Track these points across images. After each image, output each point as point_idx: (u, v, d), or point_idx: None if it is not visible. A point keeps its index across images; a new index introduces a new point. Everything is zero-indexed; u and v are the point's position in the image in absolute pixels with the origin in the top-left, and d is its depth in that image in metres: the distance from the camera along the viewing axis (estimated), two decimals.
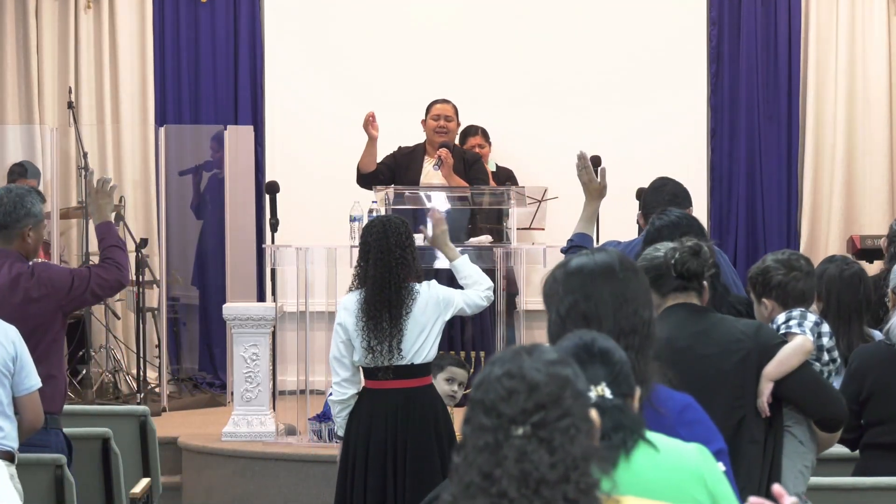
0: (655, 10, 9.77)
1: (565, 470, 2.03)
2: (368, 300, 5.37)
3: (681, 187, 5.55)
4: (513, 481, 2.02)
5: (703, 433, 2.93)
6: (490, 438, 2.05)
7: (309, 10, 9.87)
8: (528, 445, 2.04)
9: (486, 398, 2.08)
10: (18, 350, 4.66)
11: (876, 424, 4.70)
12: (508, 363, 2.11)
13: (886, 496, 4.27)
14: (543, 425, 2.05)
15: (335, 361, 5.47)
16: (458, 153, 8.15)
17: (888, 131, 9.71)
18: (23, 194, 5.19)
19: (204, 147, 9.75)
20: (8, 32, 9.64)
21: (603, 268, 2.93)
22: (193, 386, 9.44)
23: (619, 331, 2.86)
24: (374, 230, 5.46)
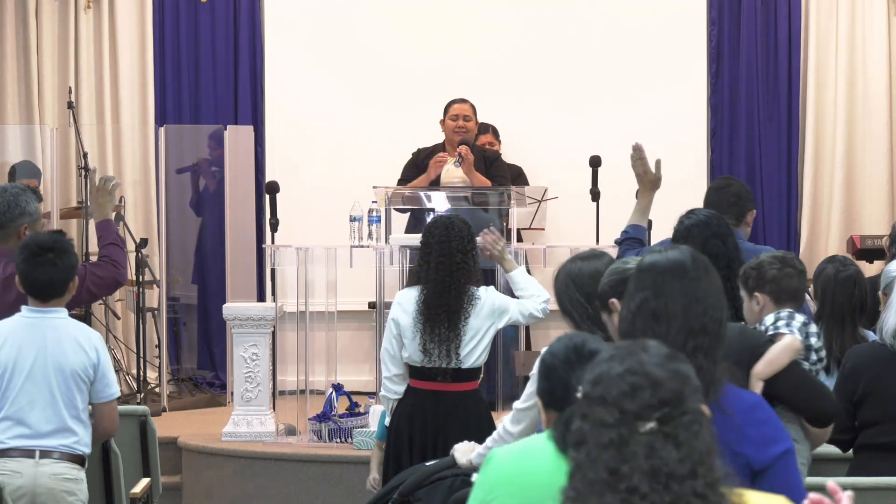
0: (655, 11, 9.77)
1: (692, 465, 2.04)
2: (428, 302, 5.35)
3: (745, 188, 5.54)
4: (644, 477, 2.02)
5: (770, 432, 2.94)
6: (614, 434, 2.05)
7: (309, 11, 9.87)
8: (655, 441, 2.04)
9: (607, 394, 2.08)
10: (101, 357, 4.70)
11: (870, 425, 4.69)
12: (627, 360, 2.12)
13: (882, 496, 4.26)
14: (668, 421, 2.06)
15: (387, 356, 5.46)
16: (478, 151, 8.16)
17: (888, 131, 9.70)
18: (17, 193, 5.20)
19: (204, 147, 9.75)
20: (8, 32, 9.64)
21: (674, 265, 2.93)
22: (193, 386, 9.44)
23: (688, 330, 2.86)
24: (436, 231, 5.42)
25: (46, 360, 4.64)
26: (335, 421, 7.22)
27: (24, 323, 4.70)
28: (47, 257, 4.67)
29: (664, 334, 2.86)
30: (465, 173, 7.91)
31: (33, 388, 4.63)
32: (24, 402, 4.62)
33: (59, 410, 4.62)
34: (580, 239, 8.27)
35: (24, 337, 4.67)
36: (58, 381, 4.63)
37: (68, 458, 4.63)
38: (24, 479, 4.56)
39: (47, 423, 4.62)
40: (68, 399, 4.64)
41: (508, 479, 2.75)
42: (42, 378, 4.63)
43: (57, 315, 4.70)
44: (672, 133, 9.69)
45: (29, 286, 4.70)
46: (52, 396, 4.63)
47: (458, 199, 7.56)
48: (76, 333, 4.70)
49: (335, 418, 7.23)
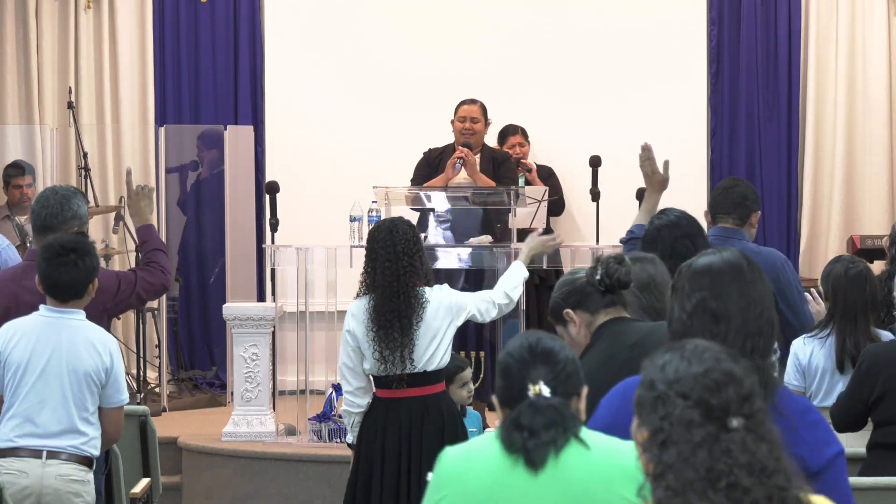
0: (655, 11, 9.77)
1: (777, 458, 2.08)
2: (378, 309, 5.26)
3: (751, 189, 5.54)
4: (743, 471, 2.04)
5: (823, 435, 2.96)
6: (705, 432, 2.07)
7: (309, 10, 9.86)
8: (747, 436, 2.07)
9: (690, 392, 2.10)
10: (115, 362, 4.68)
11: (886, 424, 4.68)
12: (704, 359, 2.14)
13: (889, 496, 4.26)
14: (751, 416, 2.09)
15: (346, 370, 5.35)
16: (487, 152, 8.15)
17: (888, 131, 9.70)
18: (69, 195, 5.13)
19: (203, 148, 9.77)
20: (8, 32, 9.64)
21: (733, 267, 2.95)
22: (193, 386, 9.44)
23: (745, 331, 2.89)
24: (380, 236, 5.34)
25: (60, 360, 4.62)
26: (335, 421, 7.22)
27: (41, 322, 4.68)
28: (70, 258, 4.64)
29: (723, 335, 2.87)
30: (469, 175, 7.91)
31: (44, 388, 4.61)
32: (35, 401, 4.61)
33: (69, 411, 4.61)
34: (580, 239, 8.29)
35: (40, 336, 4.65)
36: (70, 382, 4.62)
37: (76, 460, 4.61)
38: (30, 479, 4.55)
39: (57, 424, 4.60)
40: (79, 400, 4.62)
41: (454, 478, 2.76)
42: (55, 378, 4.62)
43: (74, 316, 4.68)
44: (672, 133, 9.68)
45: (50, 286, 4.68)
46: (64, 397, 4.61)
47: (459, 199, 7.56)
48: (92, 336, 4.68)
49: (335, 418, 7.23)
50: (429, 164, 8.09)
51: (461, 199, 7.57)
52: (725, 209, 5.43)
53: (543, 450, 2.66)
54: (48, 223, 5.05)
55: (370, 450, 5.30)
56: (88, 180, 8.78)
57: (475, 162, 7.92)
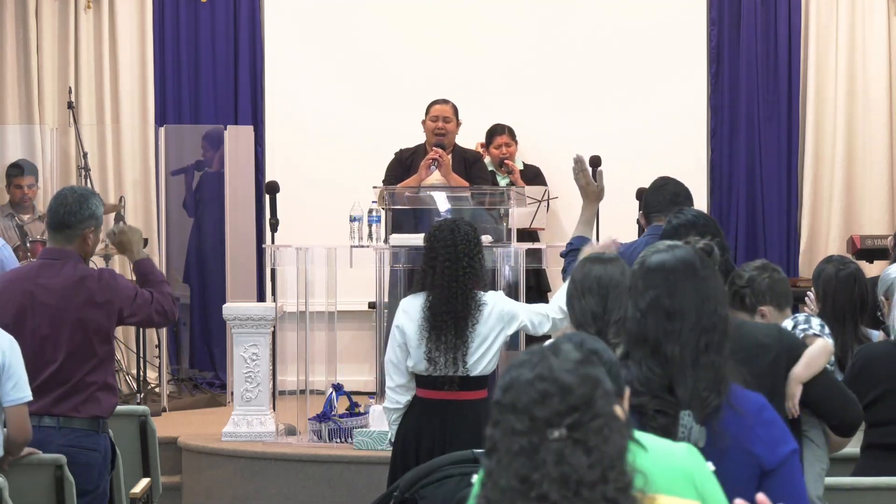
0: (655, 10, 9.77)
1: (603, 470, 2.03)
2: (434, 308, 5.17)
3: (682, 186, 5.54)
4: (554, 484, 2.01)
5: (778, 433, 2.96)
6: (525, 442, 2.04)
7: (309, 11, 9.87)
8: (565, 448, 2.03)
9: (517, 402, 2.07)
10: (8, 359, 4.57)
11: (879, 425, 4.68)
12: (538, 366, 2.09)
13: (888, 496, 4.26)
14: (578, 427, 2.05)
15: (391, 366, 5.26)
16: (459, 153, 8.13)
17: (888, 131, 9.70)
18: (87, 195, 5.11)
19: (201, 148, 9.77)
20: (8, 32, 9.64)
21: (685, 264, 2.96)
22: (193, 386, 9.45)
23: (700, 328, 2.90)
24: (441, 235, 5.24)
25: None
26: (335, 421, 7.22)
27: None
28: None
29: (678, 332, 2.88)
30: (443, 176, 7.90)
31: None
32: None
33: None
34: None
35: None
36: None
37: None
38: None
39: None
40: None
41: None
42: None
43: None
44: (672, 133, 9.69)
45: None
46: None
47: (460, 199, 7.55)
48: None
49: (335, 418, 7.23)
50: (401, 164, 8.07)
51: (461, 199, 7.57)
52: (658, 208, 5.43)
53: None
54: (65, 220, 5.04)
55: (405, 450, 5.21)
56: (88, 180, 8.78)
57: (449, 162, 7.90)
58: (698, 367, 2.90)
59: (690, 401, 2.88)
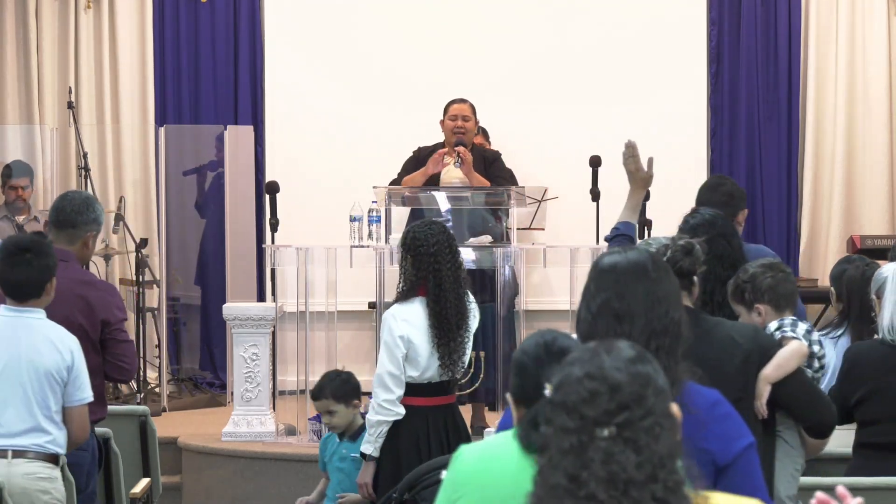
0: (655, 11, 9.77)
1: (652, 469, 2.01)
2: (443, 314, 5.12)
3: (737, 187, 5.54)
4: (601, 483, 2.00)
5: (733, 428, 2.96)
6: (574, 440, 2.03)
7: (309, 10, 9.87)
8: (614, 447, 2.02)
9: (567, 400, 2.06)
10: (76, 359, 4.65)
11: (869, 424, 4.68)
12: (588, 364, 2.09)
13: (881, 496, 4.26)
14: (628, 425, 2.03)
15: (391, 379, 5.15)
16: (478, 152, 8.14)
17: (888, 131, 9.70)
18: (92, 200, 5.21)
19: (204, 147, 9.76)
20: (8, 32, 9.64)
21: (636, 266, 2.92)
22: (193, 386, 9.45)
23: (650, 331, 2.87)
24: (433, 238, 5.17)
25: (20, 358, 4.61)
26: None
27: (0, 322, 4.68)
28: (25, 258, 4.66)
29: (627, 335, 2.86)
30: (465, 174, 7.90)
31: (6, 388, 4.60)
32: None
33: (32, 410, 4.59)
34: (580, 239, 8.28)
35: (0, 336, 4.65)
36: (31, 381, 4.60)
37: (42, 458, 4.60)
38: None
39: (20, 423, 4.59)
40: (41, 399, 4.61)
41: (473, 478, 2.75)
42: (15, 377, 4.60)
43: (33, 315, 4.67)
44: (672, 133, 9.69)
45: (6, 286, 4.69)
46: (26, 396, 4.60)
47: (459, 199, 7.56)
48: (52, 334, 4.66)
49: None
50: (418, 162, 8.07)
51: (461, 199, 7.57)
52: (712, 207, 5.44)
53: None
54: (71, 219, 5.10)
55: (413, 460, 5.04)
56: (88, 180, 8.78)
57: (471, 161, 7.91)
58: None
59: None
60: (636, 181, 5.28)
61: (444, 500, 2.78)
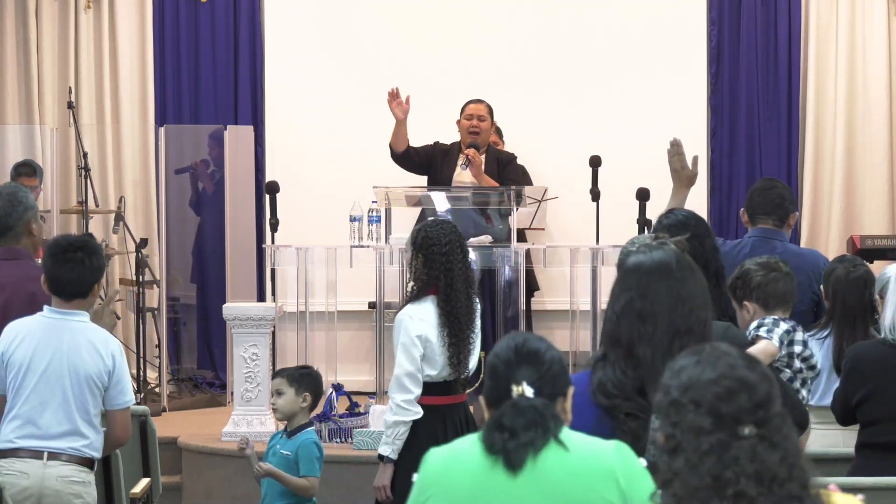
0: (656, 11, 9.77)
1: (789, 467, 2.05)
2: (455, 313, 5.13)
3: (788, 191, 5.56)
4: (750, 480, 2.02)
5: None
6: (714, 440, 2.05)
7: (309, 11, 9.87)
8: (757, 445, 2.04)
9: (701, 399, 2.08)
10: (117, 364, 4.66)
11: (872, 424, 4.69)
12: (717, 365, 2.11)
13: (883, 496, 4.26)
14: (764, 423, 2.07)
15: (410, 379, 5.12)
16: (493, 153, 8.15)
17: (888, 131, 9.70)
18: (13, 190, 5.15)
19: (204, 147, 9.76)
20: (8, 32, 9.64)
21: (660, 266, 2.93)
22: (193, 386, 9.44)
23: (674, 330, 2.87)
24: (447, 236, 5.17)
25: (62, 361, 4.61)
26: (335, 421, 7.22)
27: (43, 323, 4.66)
28: (76, 255, 4.63)
29: (650, 335, 2.86)
30: (474, 176, 7.91)
31: (46, 389, 4.60)
32: (37, 402, 4.60)
33: (70, 413, 4.60)
34: (580, 239, 8.28)
35: (42, 337, 4.63)
36: (71, 384, 4.60)
37: (77, 461, 4.60)
38: (30, 480, 4.54)
39: (58, 425, 4.59)
40: (81, 402, 4.61)
41: (439, 479, 2.77)
42: (56, 379, 4.60)
43: (77, 318, 4.66)
44: (672, 133, 9.63)
45: (55, 284, 4.66)
46: (65, 398, 4.60)
47: (459, 199, 7.56)
48: (94, 338, 4.66)
49: (335, 418, 7.23)
50: (434, 151, 8.07)
51: (461, 199, 7.57)
52: (765, 210, 5.45)
53: (522, 451, 2.66)
54: (5, 224, 5.08)
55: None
56: (88, 180, 8.78)
57: (481, 163, 7.91)
58: None
59: None
60: (680, 179, 5.23)
61: (413, 503, 2.80)
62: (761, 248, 5.48)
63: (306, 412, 5.57)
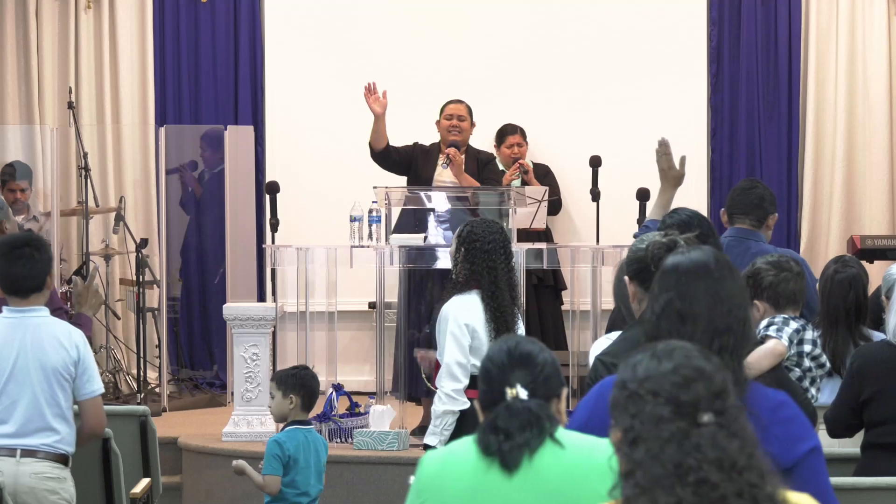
0: (655, 11, 9.77)
1: (749, 455, 2.07)
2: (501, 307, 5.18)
3: (769, 192, 5.55)
4: (712, 467, 2.03)
5: (797, 431, 2.93)
6: (674, 428, 2.06)
7: (309, 11, 9.87)
8: (717, 432, 2.06)
9: (660, 389, 2.09)
10: (82, 353, 4.67)
11: (878, 425, 4.68)
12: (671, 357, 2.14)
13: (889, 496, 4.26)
14: (722, 412, 2.08)
15: (459, 368, 5.14)
16: (472, 153, 8.15)
17: (888, 131, 9.70)
18: None
19: None
20: (8, 32, 9.64)
21: (697, 266, 2.94)
22: (193, 386, 9.44)
23: (713, 330, 2.87)
24: (492, 234, 5.25)
25: (27, 359, 4.63)
26: (335, 421, 7.22)
27: (4, 324, 4.69)
28: (25, 251, 4.68)
29: (690, 335, 2.86)
30: (455, 175, 7.90)
31: (15, 388, 4.62)
32: (7, 403, 4.62)
33: (40, 409, 4.61)
34: (580, 239, 8.29)
35: (5, 337, 4.66)
36: (39, 380, 4.62)
37: (51, 458, 4.62)
38: (4, 478, 4.55)
39: (29, 423, 4.61)
40: (50, 397, 4.63)
41: (433, 482, 2.78)
42: (24, 377, 4.62)
43: (37, 314, 4.69)
44: (672, 133, 9.62)
45: (10, 283, 4.69)
46: (34, 395, 4.62)
47: (458, 200, 7.56)
48: (56, 331, 4.68)
49: (335, 418, 7.23)
50: (414, 151, 8.07)
51: (461, 199, 7.57)
52: (743, 210, 5.45)
53: (517, 451, 2.69)
54: None
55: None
56: (88, 180, 8.78)
57: (462, 162, 7.90)
58: None
59: None
60: (668, 179, 5.26)
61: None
62: (735, 247, 5.48)
63: (297, 411, 5.58)
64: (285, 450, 5.47)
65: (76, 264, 9.21)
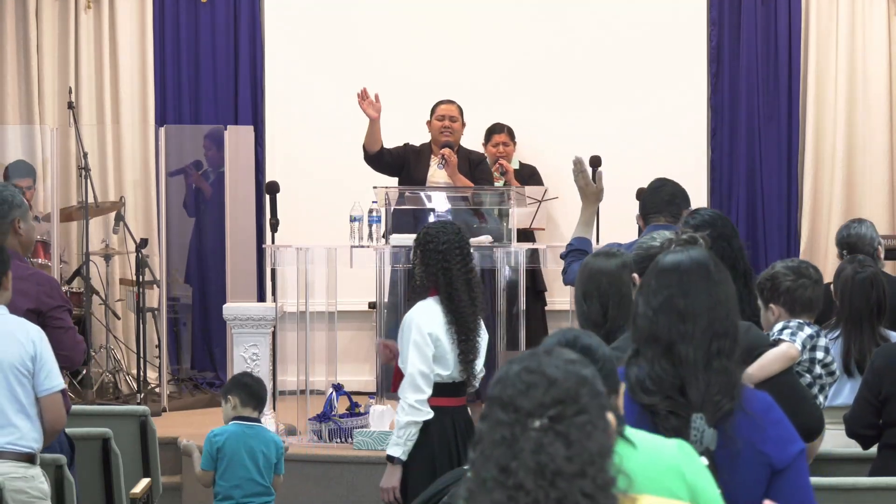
0: (655, 11, 9.78)
1: (582, 464, 2.03)
2: (462, 311, 5.11)
3: (679, 188, 5.56)
4: (529, 473, 2.02)
5: (786, 432, 2.95)
6: (507, 432, 2.05)
7: (309, 11, 9.87)
8: (544, 437, 2.04)
9: (503, 394, 2.09)
10: (38, 348, 4.63)
11: (894, 425, 4.67)
12: (527, 361, 2.13)
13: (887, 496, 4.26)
14: (560, 419, 2.06)
15: (422, 378, 5.06)
16: (464, 153, 8.14)
17: (888, 131, 9.70)
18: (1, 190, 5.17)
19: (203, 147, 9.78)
20: (8, 32, 9.64)
21: (699, 266, 2.95)
22: (193, 386, 9.45)
23: (712, 332, 2.88)
24: (446, 236, 5.16)
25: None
26: (335, 421, 7.22)
27: None
28: None
29: (689, 334, 2.86)
30: (449, 176, 7.90)
31: None
32: None
33: (2, 407, 4.58)
34: None
35: None
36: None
37: (14, 457, 4.57)
38: None
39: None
40: (10, 394, 4.59)
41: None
42: None
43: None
44: (672, 133, 9.69)
45: None
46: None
47: (457, 200, 7.56)
48: (11, 327, 4.64)
49: (335, 418, 7.23)
50: (406, 152, 8.06)
51: (461, 199, 7.57)
52: (657, 208, 5.47)
53: None
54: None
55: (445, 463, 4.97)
56: (88, 180, 8.78)
57: (456, 162, 7.90)
58: (710, 370, 2.89)
59: (703, 404, 2.87)
60: (587, 196, 5.35)
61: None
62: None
63: (240, 409, 5.72)
64: (213, 443, 5.59)
65: (76, 264, 9.21)
